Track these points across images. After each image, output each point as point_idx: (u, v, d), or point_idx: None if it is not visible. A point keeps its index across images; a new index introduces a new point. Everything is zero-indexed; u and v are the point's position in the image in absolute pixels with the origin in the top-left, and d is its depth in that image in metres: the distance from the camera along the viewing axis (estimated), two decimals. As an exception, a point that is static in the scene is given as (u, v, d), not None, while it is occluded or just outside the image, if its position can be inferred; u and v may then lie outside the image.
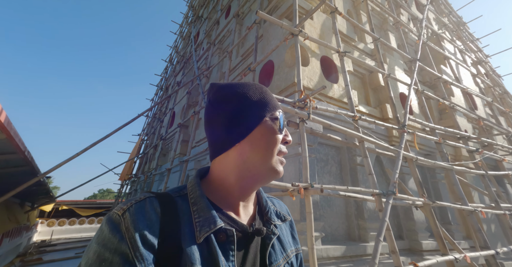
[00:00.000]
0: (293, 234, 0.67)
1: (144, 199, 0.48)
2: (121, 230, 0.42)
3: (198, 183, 0.56)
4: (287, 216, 0.66)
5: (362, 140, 2.86)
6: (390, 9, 5.51)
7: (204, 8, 8.34)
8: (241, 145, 0.54)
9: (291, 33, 3.07)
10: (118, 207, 0.46)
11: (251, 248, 0.53)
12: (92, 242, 0.43)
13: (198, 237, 0.47)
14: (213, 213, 0.50)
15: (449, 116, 5.16)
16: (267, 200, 0.63)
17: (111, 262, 0.39)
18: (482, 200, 4.80)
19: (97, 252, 0.40)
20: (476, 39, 10.70)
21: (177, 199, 0.52)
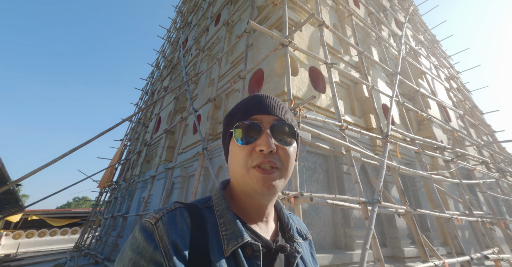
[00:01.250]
0: (312, 253, 0.66)
1: (175, 209, 0.50)
2: (155, 239, 0.44)
3: (223, 196, 0.56)
4: (308, 235, 0.66)
5: (349, 148, 2.95)
6: (372, 24, 5.82)
7: (194, 15, 8.36)
8: (228, 157, 0.59)
9: (281, 43, 3.15)
10: (150, 216, 0.47)
11: (276, 265, 0.53)
12: (126, 249, 0.44)
13: (225, 250, 0.48)
14: (239, 227, 0.51)
15: (426, 127, 5.46)
16: (288, 217, 0.63)
17: None
18: (456, 207, 5.06)
19: (132, 259, 0.42)
20: (448, 56, 11.52)
21: (203, 210, 0.54)
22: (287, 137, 0.55)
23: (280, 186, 0.53)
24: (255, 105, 0.57)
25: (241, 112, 0.57)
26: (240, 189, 0.56)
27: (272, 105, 0.57)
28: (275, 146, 0.53)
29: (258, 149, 0.52)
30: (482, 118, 9.72)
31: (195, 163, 4.09)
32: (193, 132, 4.78)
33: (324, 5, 5.04)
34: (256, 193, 0.53)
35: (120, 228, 5.29)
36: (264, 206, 0.57)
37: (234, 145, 0.55)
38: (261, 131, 0.53)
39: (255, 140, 0.53)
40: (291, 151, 0.55)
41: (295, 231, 0.62)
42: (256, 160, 0.52)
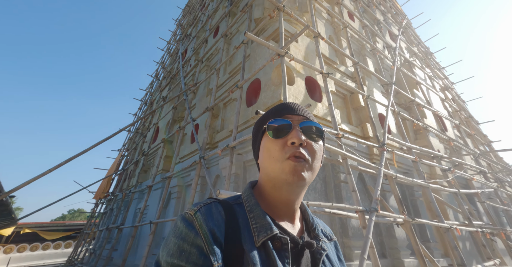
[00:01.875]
0: (339, 256, 0.68)
1: (210, 203, 0.55)
2: (195, 227, 0.49)
3: (252, 193, 0.61)
4: (333, 236, 0.70)
5: (346, 157, 2.95)
6: (367, 37, 5.99)
7: (193, 27, 8.57)
8: (260, 155, 0.64)
9: (278, 54, 3.22)
10: (189, 209, 0.53)
11: (303, 260, 0.56)
12: (170, 236, 0.50)
13: (256, 241, 0.52)
14: (269, 220, 0.55)
15: (423, 136, 5.49)
16: (313, 218, 0.67)
17: (190, 252, 0.46)
18: (456, 218, 5.01)
19: (177, 244, 0.48)
20: (442, 67, 11.77)
21: (234, 206, 0.58)
22: (315, 135, 0.62)
23: (308, 177, 0.57)
24: (286, 108, 0.65)
25: (273, 114, 0.65)
26: (270, 184, 0.60)
27: (300, 108, 0.66)
28: (304, 140, 0.59)
29: (290, 141, 0.58)
30: (478, 129, 9.81)
31: (192, 172, 4.06)
32: (191, 142, 4.78)
33: (320, 18, 5.20)
34: (287, 184, 0.57)
35: (114, 240, 5.17)
36: (292, 201, 0.60)
37: (267, 141, 0.61)
38: (291, 127, 0.60)
39: (286, 135, 0.59)
40: (318, 147, 0.61)
41: (320, 231, 0.65)
42: (289, 152, 0.57)
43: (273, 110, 0.67)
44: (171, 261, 0.46)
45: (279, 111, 0.64)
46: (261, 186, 0.63)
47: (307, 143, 0.59)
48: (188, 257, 0.46)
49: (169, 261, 0.46)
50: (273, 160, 0.58)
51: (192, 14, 10.26)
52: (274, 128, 0.60)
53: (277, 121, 0.61)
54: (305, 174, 0.56)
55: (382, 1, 9.61)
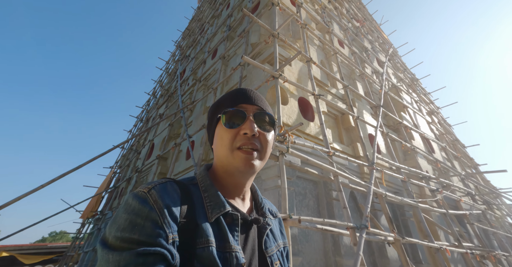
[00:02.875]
0: (281, 230, 0.77)
1: (166, 182, 0.56)
2: (149, 202, 0.49)
3: (207, 175, 0.65)
4: (278, 214, 0.79)
5: (337, 174, 3.06)
6: (356, 62, 6.40)
7: (192, 49, 8.98)
8: (214, 142, 0.68)
9: (272, 76, 3.44)
10: (142, 187, 0.53)
11: (250, 233, 0.63)
12: (119, 213, 0.48)
13: (210, 217, 0.56)
14: (222, 199, 0.60)
15: (411, 157, 5.69)
16: (262, 198, 0.74)
17: (143, 226, 0.46)
18: (447, 239, 5.04)
19: (128, 219, 0.46)
20: (428, 93, 12.41)
21: (189, 186, 0.61)
22: (267, 124, 0.65)
23: (258, 166, 0.62)
24: (241, 96, 0.67)
25: (228, 101, 0.67)
26: (223, 169, 0.64)
27: (255, 97, 0.67)
28: (257, 131, 0.62)
29: (243, 132, 0.61)
30: (465, 152, 10.14)
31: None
32: (186, 158, 4.83)
33: (312, 44, 5.59)
34: (238, 172, 0.61)
35: (100, 260, 4.93)
36: (242, 184, 0.66)
37: (220, 129, 0.64)
38: (245, 118, 0.63)
39: (239, 125, 0.62)
40: (270, 137, 0.66)
41: (267, 210, 0.73)
42: (240, 141, 0.61)
43: (228, 97, 0.68)
44: (121, 235, 0.45)
45: (234, 100, 0.66)
46: (215, 170, 0.66)
47: (259, 133, 0.63)
48: (141, 230, 0.45)
49: (119, 235, 0.45)
50: (225, 148, 0.61)
51: (191, 37, 10.78)
52: (228, 118, 0.62)
53: (231, 111, 0.63)
54: (255, 162, 0.61)
55: (369, 31, 10.35)
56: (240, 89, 0.69)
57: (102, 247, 0.45)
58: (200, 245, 0.51)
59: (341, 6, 9.30)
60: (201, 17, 11.19)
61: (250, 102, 0.66)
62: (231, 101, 0.66)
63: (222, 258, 0.52)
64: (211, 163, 0.72)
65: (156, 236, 0.45)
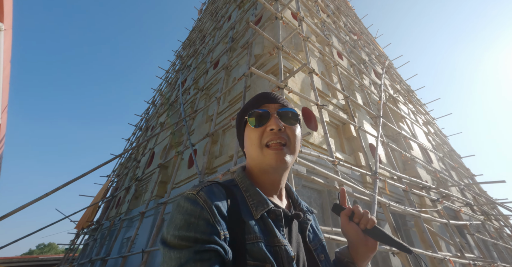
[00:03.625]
0: (316, 226, 0.79)
1: (211, 184, 0.60)
2: (200, 203, 0.52)
3: (246, 176, 0.68)
4: (314, 210, 0.80)
5: (342, 183, 3.09)
6: (355, 74, 6.57)
7: (194, 59, 9.12)
8: (244, 144, 0.72)
9: (278, 86, 3.52)
10: (191, 189, 0.57)
11: (293, 228, 0.65)
12: (174, 214, 0.52)
13: (255, 215, 0.59)
14: (264, 197, 0.63)
15: (411, 167, 5.76)
16: (297, 196, 0.78)
17: (197, 224, 0.49)
18: (449, 250, 5.04)
19: (183, 218, 0.50)
20: (423, 104, 12.69)
21: (231, 187, 0.65)
22: (292, 119, 0.69)
23: (290, 160, 0.65)
24: (263, 98, 0.72)
25: (252, 104, 0.71)
26: (257, 168, 0.68)
27: (277, 97, 0.72)
28: (282, 125, 0.66)
29: (269, 128, 0.65)
30: (461, 162, 10.29)
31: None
32: (188, 167, 4.82)
33: (313, 56, 5.74)
34: (271, 168, 0.64)
35: (97, 272, 4.81)
36: (278, 181, 0.69)
37: (248, 130, 0.69)
38: (270, 116, 0.67)
39: (264, 124, 0.66)
40: (296, 130, 0.69)
41: (304, 206, 0.76)
42: (267, 137, 0.65)
43: (252, 101, 0.73)
44: (179, 233, 0.48)
45: (257, 102, 0.71)
46: (250, 170, 0.70)
47: (285, 127, 0.66)
48: (196, 227, 0.49)
49: (177, 234, 0.48)
50: (255, 147, 0.65)
51: (192, 47, 10.97)
52: (254, 119, 0.67)
53: (256, 112, 0.68)
54: (286, 157, 0.64)
55: (366, 44, 10.67)
56: (262, 92, 0.74)
57: (163, 246, 0.49)
58: (250, 240, 0.53)
59: (339, 20, 9.63)
60: (202, 28, 11.43)
61: (273, 102, 0.70)
62: (255, 104, 0.71)
63: (273, 252, 0.54)
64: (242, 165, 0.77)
65: (210, 233, 0.49)
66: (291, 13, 5.95)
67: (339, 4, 11.41)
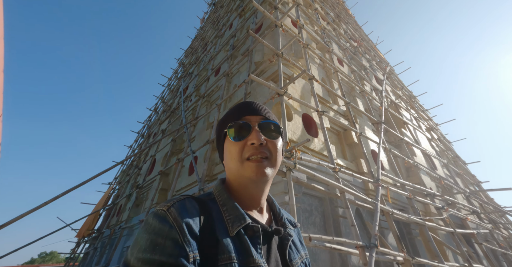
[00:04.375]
0: (300, 240, 0.75)
1: (184, 199, 0.56)
2: (169, 221, 0.49)
3: (224, 189, 0.65)
4: (297, 223, 0.75)
5: (343, 190, 3.03)
6: (355, 80, 6.57)
7: (195, 66, 9.22)
8: (224, 156, 0.68)
9: (277, 93, 3.52)
10: (162, 205, 0.53)
11: (272, 245, 0.61)
12: (140, 234, 0.49)
13: (231, 231, 0.55)
14: (242, 211, 0.59)
15: (415, 174, 5.66)
16: (279, 209, 0.73)
17: (164, 245, 0.46)
18: (456, 260, 4.89)
19: (149, 239, 0.47)
20: (426, 109, 12.60)
21: (208, 201, 0.61)
22: (273, 132, 0.66)
23: (270, 174, 0.62)
24: (244, 108, 0.68)
25: (232, 115, 0.67)
26: (236, 182, 0.64)
27: (258, 108, 0.68)
28: (263, 139, 0.63)
29: (250, 142, 0.62)
30: (466, 168, 10.10)
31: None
32: (189, 174, 4.79)
33: (313, 63, 5.77)
34: (251, 182, 0.61)
35: (96, 282, 4.72)
36: (259, 196, 0.65)
37: (228, 143, 0.65)
38: (251, 129, 0.64)
39: (245, 137, 0.63)
40: (278, 143, 0.66)
41: (286, 220, 0.71)
42: (248, 152, 0.61)
43: (232, 111, 0.69)
44: (143, 256, 0.44)
45: (238, 113, 0.67)
46: (230, 183, 0.66)
47: (266, 141, 0.63)
48: (162, 249, 0.45)
49: (141, 256, 0.44)
50: (235, 161, 0.62)
51: (194, 55, 11.11)
52: (234, 132, 0.63)
53: (236, 125, 0.64)
54: (267, 170, 0.61)
55: (366, 50, 10.73)
56: (243, 102, 0.70)
57: None
58: (223, 261, 0.50)
59: (339, 27, 9.72)
60: (204, 36, 11.61)
61: (254, 113, 0.67)
62: (236, 115, 0.67)
63: None
64: (222, 177, 0.72)
65: (177, 255, 0.45)
66: (291, 21, 6.02)
67: (339, 12, 11.55)
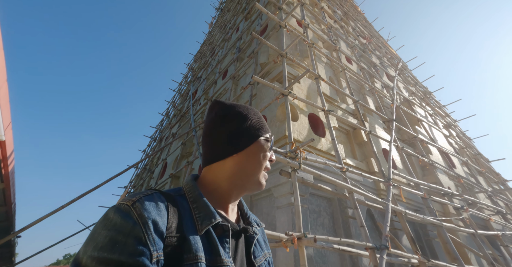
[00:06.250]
0: (265, 240, 0.76)
1: (152, 193, 0.53)
2: (133, 217, 0.45)
3: (196, 185, 0.63)
4: (262, 223, 0.77)
5: (351, 191, 2.96)
6: (365, 78, 6.42)
7: (204, 70, 9.36)
8: (239, 156, 0.64)
9: (282, 93, 3.50)
10: (126, 199, 0.49)
11: (239, 243, 0.61)
12: (98, 229, 0.44)
13: (199, 230, 0.53)
14: (212, 210, 0.57)
15: (431, 173, 5.43)
16: (246, 208, 0.75)
17: (125, 243, 0.41)
18: (479, 263, 4.62)
19: (108, 236, 0.42)
20: (443, 106, 12.10)
21: (177, 197, 0.58)
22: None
23: None
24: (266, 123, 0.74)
25: (266, 125, 0.72)
26: (240, 185, 0.65)
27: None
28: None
29: (273, 157, 0.70)
30: (489, 166, 9.56)
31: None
32: (197, 176, 4.84)
33: (320, 62, 5.70)
34: (258, 189, 0.67)
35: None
36: (238, 198, 0.68)
37: (261, 151, 0.67)
38: (271, 146, 0.70)
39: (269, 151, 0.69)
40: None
41: (253, 220, 0.72)
42: (267, 167, 0.69)
43: (264, 121, 0.72)
44: (98, 255, 0.40)
45: (267, 127, 0.72)
46: (212, 183, 0.64)
47: None
48: (123, 248, 0.41)
49: (96, 255, 0.40)
50: (260, 170, 0.66)
51: (203, 60, 11.29)
52: (270, 144, 0.70)
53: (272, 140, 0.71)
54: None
55: (377, 47, 10.47)
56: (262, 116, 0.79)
57: None
58: (188, 261, 0.48)
59: (347, 25, 9.56)
60: (212, 41, 11.78)
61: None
62: (268, 126, 0.72)
63: None
64: (194, 174, 0.71)
65: (139, 254, 0.42)
66: (297, 21, 5.99)
67: (347, 9, 11.37)
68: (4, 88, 1.94)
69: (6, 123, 1.99)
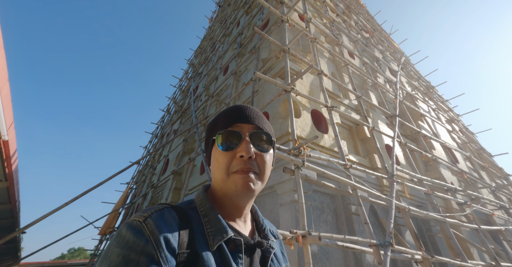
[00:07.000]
0: (282, 252, 0.72)
1: (163, 208, 0.52)
2: (145, 234, 0.45)
3: (207, 197, 0.61)
4: (279, 235, 0.72)
5: (355, 187, 2.94)
6: (367, 73, 6.34)
7: (204, 66, 9.28)
8: (211, 163, 0.64)
9: (284, 90, 3.46)
10: (137, 215, 0.49)
11: (254, 258, 0.58)
12: (111, 247, 0.44)
13: (211, 245, 0.52)
14: (224, 224, 0.55)
15: (434, 168, 5.40)
16: (263, 219, 0.70)
17: (138, 262, 0.42)
18: (482, 258, 4.64)
19: (121, 254, 0.42)
20: (445, 100, 11.99)
21: (188, 211, 0.57)
22: (265, 143, 0.62)
23: (257, 188, 0.59)
24: (236, 115, 0.63)
25: (223, 120, 0.63)
26: (221, 192, 0.61)
27: (252, 116, 0.63)
28: (253, 152, 0.59)
29: (239, 154, 0.58)
30: (492, 161, 9.52)
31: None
32: (200, 173, 4.84)
33: (322, 57, 5.62)
34: (236, 195, 0.58)
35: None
36: (242, 207, 0.62)
37: (216, 151, 0.61)
38: (241, 139, 0.59)
39: (235, 146, 0.59)
40: (267, 157, 0.62)
41: (269, 231, 0.68)
42: (237, 166, 0.58)
43: (224, 115, 0.65)
44: None
45: (230, 119, 0.63)
46: (214, 191, 0.63)
47: (256, 154, 0.59)
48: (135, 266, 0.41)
49: None
50: (222, 171, 0.58)
51: (203, 55, 11.19)
52: (223, 140, 0.59)
53: (226, 133, 0.60)
54: (254, 186, 0.57)
55: (379, 41, 10.33)
56: (236, 107, 0.65)
57: None
58: None
59: (350, 19, 9.41)
60: (212, 36, 11.65)
61: (246, 121, 0.62)
62: (227, 120, 0.62)
63: None
64: (205, 184, 0.69)
65: None
66: (298, 15, 5.89)
67: (349, 2, 11.19)
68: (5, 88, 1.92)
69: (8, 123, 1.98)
